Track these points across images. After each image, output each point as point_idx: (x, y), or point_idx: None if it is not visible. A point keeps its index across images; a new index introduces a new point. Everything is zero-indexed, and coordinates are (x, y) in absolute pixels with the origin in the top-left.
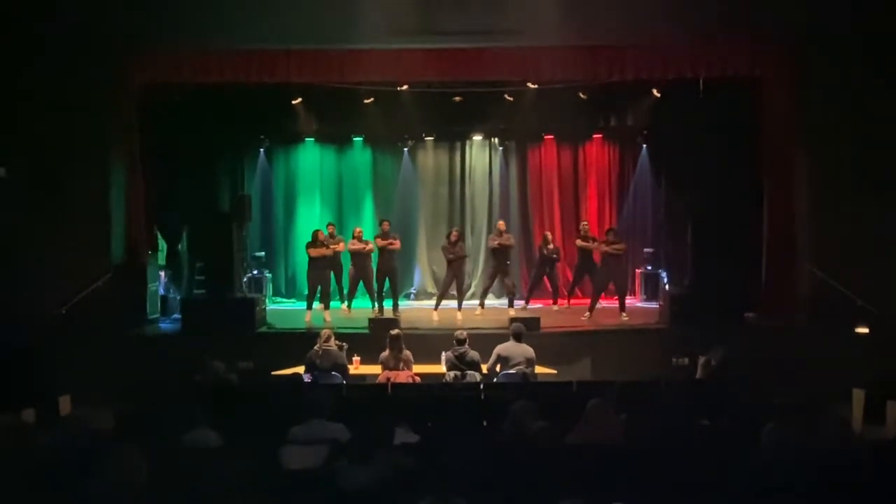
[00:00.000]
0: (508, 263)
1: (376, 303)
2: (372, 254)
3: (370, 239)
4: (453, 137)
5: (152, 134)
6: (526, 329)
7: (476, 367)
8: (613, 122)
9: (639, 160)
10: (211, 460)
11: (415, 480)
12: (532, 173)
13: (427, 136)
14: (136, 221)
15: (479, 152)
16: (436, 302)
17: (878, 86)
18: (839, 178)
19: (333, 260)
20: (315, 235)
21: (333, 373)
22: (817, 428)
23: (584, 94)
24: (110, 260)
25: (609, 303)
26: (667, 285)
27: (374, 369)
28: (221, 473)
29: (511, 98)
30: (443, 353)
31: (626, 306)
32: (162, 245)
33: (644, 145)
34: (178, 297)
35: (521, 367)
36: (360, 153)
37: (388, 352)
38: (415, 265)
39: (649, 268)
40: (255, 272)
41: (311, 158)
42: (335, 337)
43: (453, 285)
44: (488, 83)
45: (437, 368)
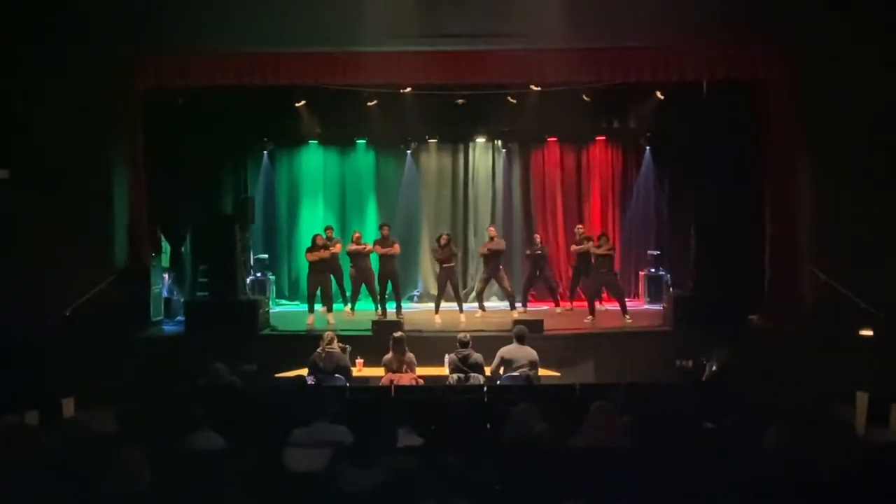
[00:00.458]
0: (502, 267)
1: (379, 305)
2: (371, 255)
3: (369, 242)
4: (456, 140)
5: (156, 136)
6: (529, 331)
7: (479, 369)
8: (616, 124)
9: (642, 162)
10: (214, 462)
11: (418, 483)
12: (535, 176)
13: (430, 138)
14: (139, 224)
15: (482, 155)
16: (435, 305)
17: (882, 88)
18: (842, 180)
19: (332, 263)
20: (313, 240)
21: (336, 375)
22: (821, 430)
23: (588, 96)
24: (114, 262)
25: (612, 305)
26: (670, 287)
27: (377, 372)
28: (224, 476)
29: (514, 100)
30: (446, 356)
31: (627, 309)
32: (165, 247)
33: (647, 147)
34: (182, 300)
35: (525, 369)
36: (363, 156)
37: (391, 354)
38: (417, 268)
39: (653, 270)
40: (259, 274)
41: (314, 161)
42: (338, 339)
43: (449, 288)
44: (491, 86)
45: (441, 371)
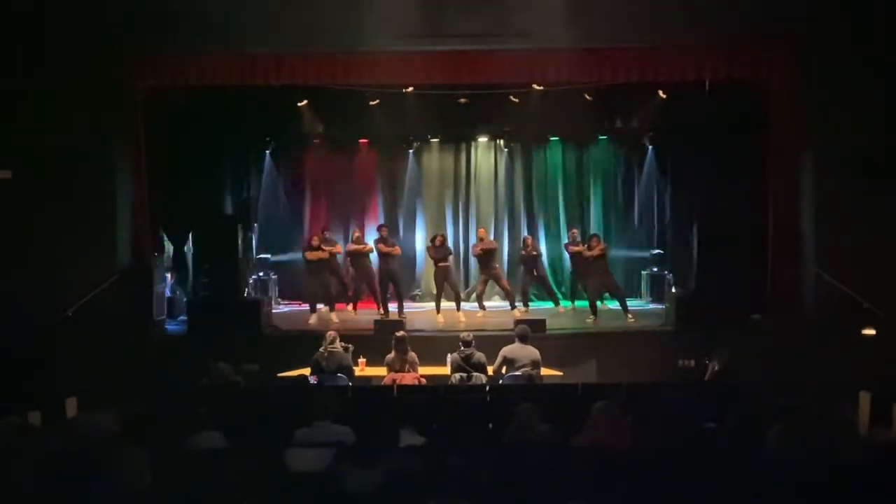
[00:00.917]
0: (498, 266)
1: (381, 305)
2: (370, 254)
3: (368, 242)
4: (458, 139)
5: (158, 136)
6: (531, 331)
7: (482, 368)
8: (619, 123)
9: (644, 162)
10: (216, 462)
11: (420, 482)
12: (537, 175)
13: (432, 138)
14: (141, 224)
15: (485, 154)
16: (435, 305)
17: (884, 88)
18: (844, 179)
19: (331, 263)
20: (309, 241)
21: (339, 375)
22: (823, 430)
23: (590, 95)
24: (116, 262)
25: (614, 305)
26: (672, 287)
27: (379, 371)
28: (227, 476)
29: (516, 100)
30: (448, 356)
31: (628, 308)
32: (168, 247)
33: (650, 147)
34: (185, 299)
35: (527, 369)
36: (366, 155)
37: (393, 354)
38: (419, 267)
39: (655, 270)
40: (261, 274)
41: (316, 160)
42: (340, 339)
43: (447, 288)
44: (493, 85)
45: (443, 370)
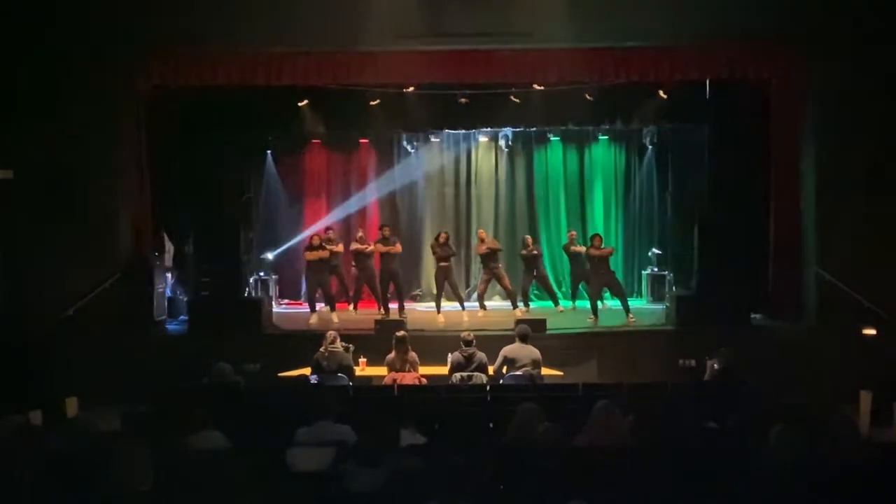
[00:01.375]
0: (500, 266)
1: (382, 305)
2: (373, 254)
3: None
4: (459, 139)
5: (159, 136)
6: (532, 331)
7: (483, 368)
8: (620, 123)
9: (645, 161)
10: (217, 462)
11: (421, 482)
12: (538, 175)
13: (433, 138)
14: (142, 223)
15: (486, 154)
16: (436, 305)
17: (886, 87)
18: (846, 178)
19: (332, 262)
20: (310, 240)
21: (339, 374)
22: (824, 430)
23: (591, 95)
24: (117, 262)
25: (615, 305)
26: (673, 287)
27: (380, 371)
28: (228, 475)
29: (517, 99)
30: (449, 355)
31: (630, 308)
32: (168, 247)
33: (650, 147)
34: (185, 299)
35: (528, 368)
36: (366, 155)
37: (394, 353)
38: (420, 267)
39: (655, 269)
40: (262, 274)
41: (317, 160)
42: (341, 339)
43: (448, 287)
44: (495, 85)
45: (444, 370)
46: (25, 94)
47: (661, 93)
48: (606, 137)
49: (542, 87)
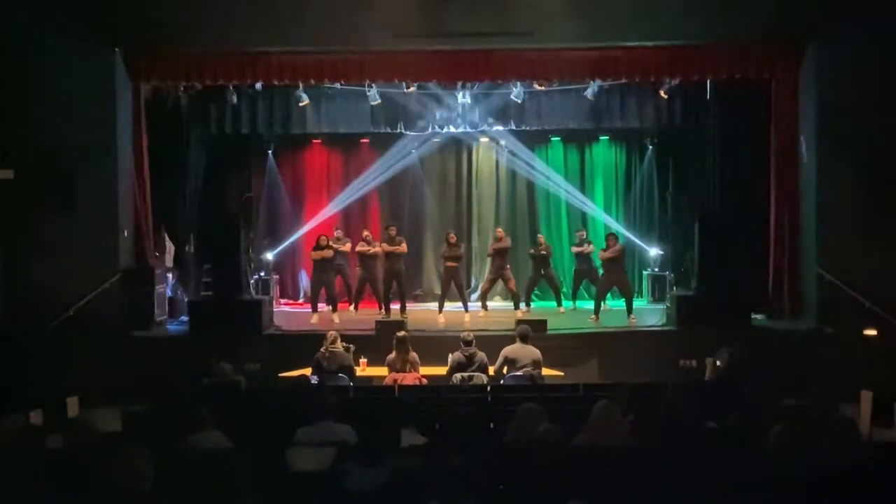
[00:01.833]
0: (508, 267)
1: (383, 305)
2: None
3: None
4: (460, 139)
5: (160, 136)
6: (532, 331)
7: (483, 369)
8: (620, 123)
9: (645, 161)
10: (218, 462)
11: (422, 482)
12: (539, 174)
13: (434, 137)
14: (143, 223)
15: (486, 154)
16: (438, 305)
17: (886, 87)
18: (847, 178)
19: (337, 262)
20: (317, 240)
21: (340, 374)
22: (825, 430)
23: (592, 95)
24: (118, 262)
25: (616, 305)
26: (674, 287)
27: (380, 371)
28: (229, 475)
29: (518, 99)
30: (450, 355)
31: (633, 309)
32: (169, 247)
33: (651, 146)
34: (186, 299)
35: (528, 369)
36: (367, 154)
37: (394, 354)
38: (420, 267)
39: (656, 269)
40: (263, 274)
41: (318, 160)
42: (342, 339)
43: (453, 287)
44: (495, 84)
45: (444, 370)
46: (25, 94)
47: (662, 93)
48: (607, 137)
49: (543, 87)
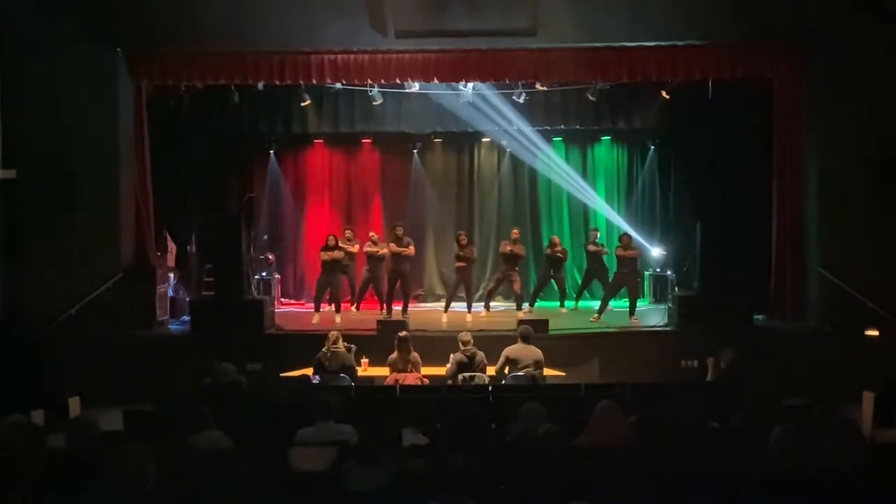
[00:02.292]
0: (516, 271)
1: (385, 305)
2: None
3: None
4: (462, 139)
5: (161, 136)
6: (534, 331)
7: (482, 369)
8: (622, 123)
9: (647, 161)
10: (219, 462)
11: (423, 482)
12: (541, 175)
13: (436, 138)
14: (145, 223)
15: (488, 154)
16: (445, 305)
17: (886, 87)
18: (849, 178)
19: (345, 263)
20: (326, 240)
21: (342, 374)
22: (827, 430)
23: (593, 95)
24: (120, 262)
25: (618, 306)
26: (675, 287)
27: (382, 371)
28: (230, 475)
29: (520, 100)
30: (451, 356)
31: (635, 310)
32: (171, 247)
33: (652, 147)
34: (188, 299)
35: (530, 369)
36: (369, 155)
37: (396, 354)
38: (422, 267)
39: (658, 270)
40: (264, 274)
41: (320, 160)
42: (343, 339)
43: (461, 288)
44: (497, 84)
45: (446, 370)
46: (26, 94)
47: (664, 93)
48: (609, 137)
49: (545, 88)
